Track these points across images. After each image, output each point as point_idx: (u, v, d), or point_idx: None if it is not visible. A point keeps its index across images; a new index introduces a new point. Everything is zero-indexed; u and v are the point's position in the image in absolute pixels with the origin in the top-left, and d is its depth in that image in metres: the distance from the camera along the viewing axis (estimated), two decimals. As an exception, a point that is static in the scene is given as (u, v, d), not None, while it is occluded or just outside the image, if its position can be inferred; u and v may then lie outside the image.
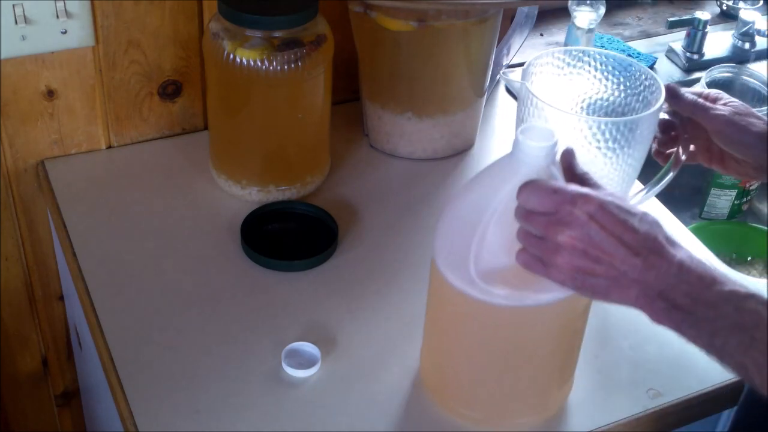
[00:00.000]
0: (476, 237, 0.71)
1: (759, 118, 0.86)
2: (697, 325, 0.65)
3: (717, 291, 0.65)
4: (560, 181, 0.70)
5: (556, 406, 0.83)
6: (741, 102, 0.87)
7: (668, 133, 0.91)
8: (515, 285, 0.72)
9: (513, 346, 0.77)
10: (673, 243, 0.68)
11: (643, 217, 0.68)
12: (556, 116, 0.87)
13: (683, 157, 0.89)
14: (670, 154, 0.90)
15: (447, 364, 0.82)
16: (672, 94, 0.87)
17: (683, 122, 0.88)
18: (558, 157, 0.72)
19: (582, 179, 0.71)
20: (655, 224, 0.68)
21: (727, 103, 0.87)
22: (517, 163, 0.70)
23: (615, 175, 0.91)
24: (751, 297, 0.65)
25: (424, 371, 0.85)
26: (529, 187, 0.68)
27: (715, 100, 0.88)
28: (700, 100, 0.87)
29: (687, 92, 0.87)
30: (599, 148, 0.88)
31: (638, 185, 0.98)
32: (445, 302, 0.77)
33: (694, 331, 0.65)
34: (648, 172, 0.96)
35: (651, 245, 0.67)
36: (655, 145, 0.91)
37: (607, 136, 0.87)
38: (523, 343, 0.77)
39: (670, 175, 0.91)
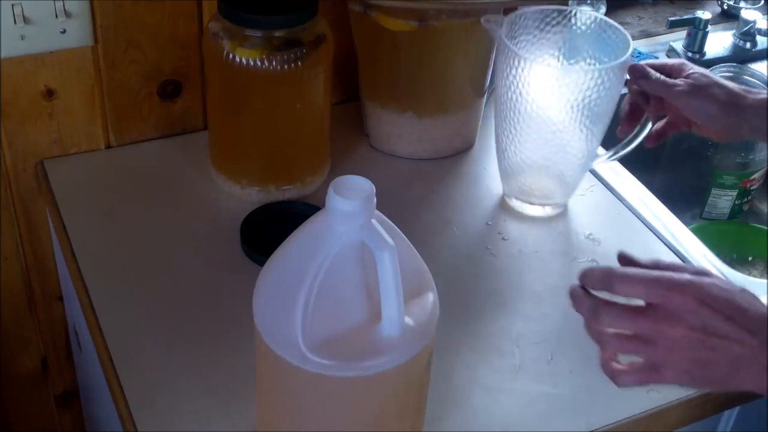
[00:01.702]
0: (300, 309, 0.63)
1: (721, 86, 0.90)
2: None
3: None
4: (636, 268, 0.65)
5: None
6: (702, 71, 0.92)
7: (635, 109, 0.97)
8: (346, 353, 0.64)
9: (353, 416, 0.69)
10: None
11: (743, 294, 0.65)
12: (524, 64, 0.94)
13: (650, 125, 0.97)
14: (635, 126, 0.97)
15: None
16: (640, 75, 0.92)
17: (651, 97, 0.95)
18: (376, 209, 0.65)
19: (657, 265, 0.67)
20: (756, 298, 0.65)
21: (689, 75, 0.91)
22: (332, 221, 0.64)
23: (581, 127, 0.97)
24: None
25: None
26: (619, 276, 0.65)
27: (679, 71, 0.92)
28: (664, 79, 0.91)
29: (653, 72, 0.92)
30: (569, 101, 0.95)
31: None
32: (275, 373, 0.69)
33: None
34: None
35: (762, 322, 0.63)
36: (621, 121, 0.99)
37: (573, 86, 0.93)
38: (362, 410, 0.69)
39: (644, 133, 0.98)
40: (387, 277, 0.62)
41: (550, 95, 0.95)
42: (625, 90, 0.97)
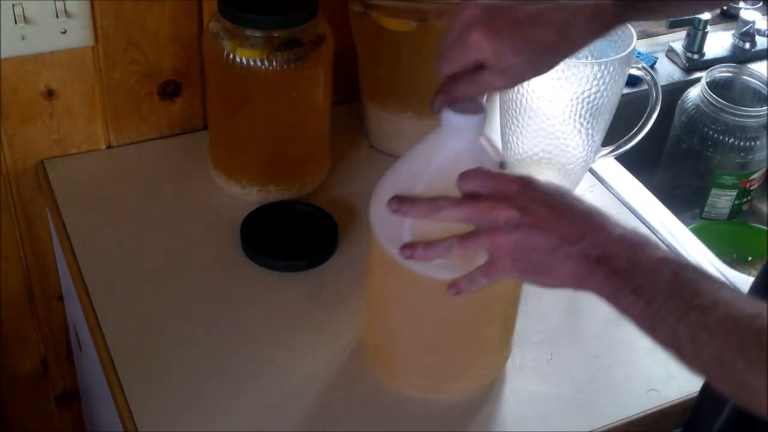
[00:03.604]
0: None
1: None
2: (637, 292, 0.63)
3: (657, 256, 0.63)
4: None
5: (496, 370, 0.86)
6: None
7: None
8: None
9: (450, 316, 0.79)
10: (610, 217, 0.67)
11: (578, 197, 0.68)
12: None
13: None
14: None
15: (386, 333, 0.84)
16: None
17: None
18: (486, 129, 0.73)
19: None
20: (590, 204, 0.68)
21: None
22: (446, 135, 0.72)
23: (582, 121, 0.98)
24: (688, 266, 0.63)
25: (365, 341, 0.87)
26: (464, 174, 0.68)
27: None
28: None
29: None
30: (569, 94, 0.96)
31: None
32: (384, 272, 0.79)
33: (633, 296, 0.63)
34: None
35: (588, 213, 0.66)
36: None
37: (574, 80, 0.94)
38: (459, 312, 0.78)
39: (646, 128, 1.02)
40: None
41: (551, 88, 0.96)
42: (627, 90, 0.97)
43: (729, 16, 1.55)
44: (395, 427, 0.81)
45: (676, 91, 1.35)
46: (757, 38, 1.46)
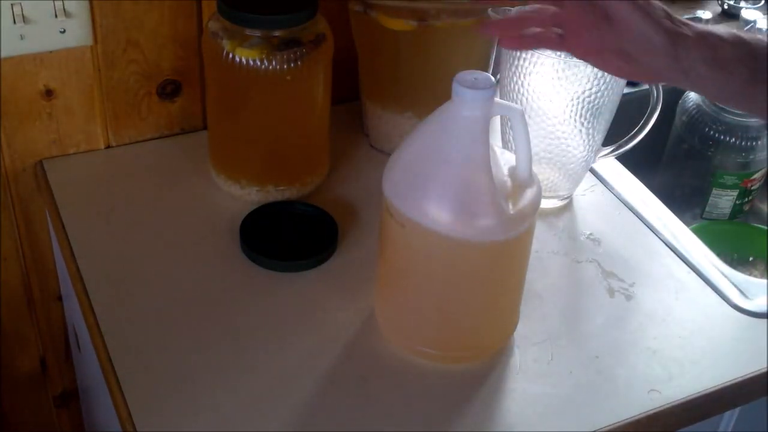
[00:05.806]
0: (425, 180, 0.77)
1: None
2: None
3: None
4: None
5: (504, 338, 0.89)
6: None
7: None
8: (462, 219, 0.77)
9: (460, 282, 0.82)
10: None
11: None
12: (527, 56, 0.96)
13: None
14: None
15: (396, 300, 0.87)
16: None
17: None
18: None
19: None
20: None
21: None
22: (456, 110, 0.75)
23: (582, 120, 0.98)
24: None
25: (377, 310, 0.90)
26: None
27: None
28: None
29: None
30: (570, 94, 0.96)
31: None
32: (397, 239, 0.82)
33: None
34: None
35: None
36: None
37: (574, 79, 0.95)
38: (469, 278, 0.82)
39: (646, 130, 1.02)
40: (519, 131, 0.77)
41: (551, 88, 0.96)
42: (627, 90, 0.97)
43: (730, 16, 1.55)
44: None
45: (677, 90, 1.35)
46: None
